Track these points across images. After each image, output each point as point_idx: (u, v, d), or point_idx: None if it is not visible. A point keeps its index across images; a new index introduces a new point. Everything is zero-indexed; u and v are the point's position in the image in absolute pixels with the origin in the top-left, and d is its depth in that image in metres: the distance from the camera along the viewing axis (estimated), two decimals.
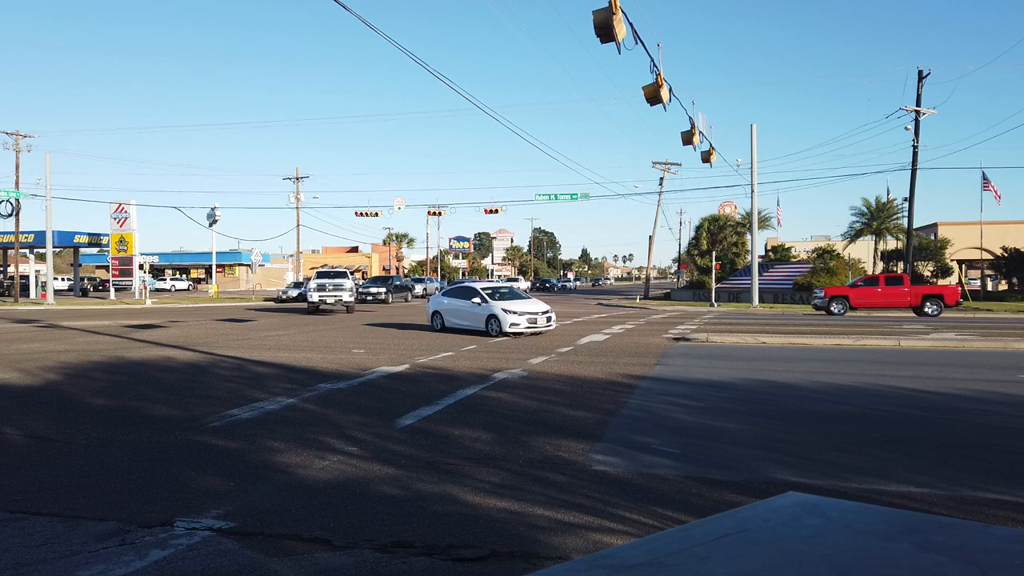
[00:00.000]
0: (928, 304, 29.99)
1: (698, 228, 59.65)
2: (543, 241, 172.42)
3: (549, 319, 21.23)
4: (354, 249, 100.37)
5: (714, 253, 48.41)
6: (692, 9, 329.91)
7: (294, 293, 46.51)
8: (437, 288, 50.13)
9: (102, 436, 8.02)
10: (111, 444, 7.67)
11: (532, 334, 20.90)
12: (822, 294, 32.44)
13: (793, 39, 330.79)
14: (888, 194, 57.98)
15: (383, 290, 46.72)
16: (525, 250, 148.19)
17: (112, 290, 54.49)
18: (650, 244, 61.44)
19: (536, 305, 21.36)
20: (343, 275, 34.65)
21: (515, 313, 20.51)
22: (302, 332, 22.89)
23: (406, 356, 15.72)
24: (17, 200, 46.11)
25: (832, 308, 31.29)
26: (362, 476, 6.37)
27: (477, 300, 21.56)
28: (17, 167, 46.33)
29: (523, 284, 72.13)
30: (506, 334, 20.51)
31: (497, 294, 22.00)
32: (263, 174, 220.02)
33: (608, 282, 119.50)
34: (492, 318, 20.81)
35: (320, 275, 34.55)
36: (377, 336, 21.26)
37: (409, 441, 7.71)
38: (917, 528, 1.67)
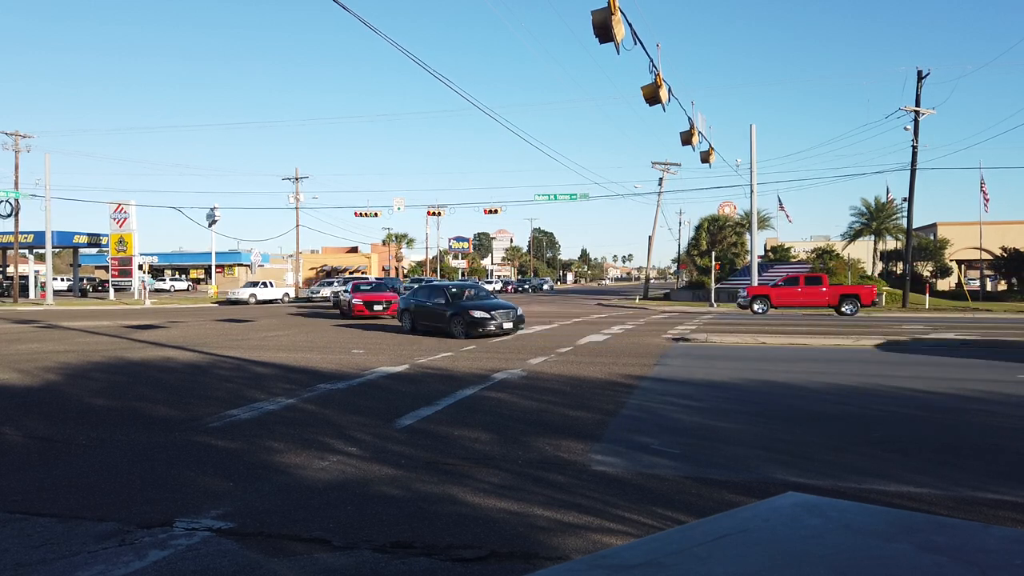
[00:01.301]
0: (845, 304, 31.18)
1: (697, 228, 59.61)
2: (543, 241, 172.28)
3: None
4: (354, 249, 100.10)
5: (713, 253, 48.43)
6: (692, 9, 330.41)
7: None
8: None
9: (102, 436, 8.02)
10: (111, 444, 7.67)
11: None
12: (745, 293, 33.68)
13: (793, 39, 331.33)
14: (888, 194, 57.83)
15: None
16: (525, 250, 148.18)
17: (111, 290, 54.48)
18: (649, 244, 61.42)
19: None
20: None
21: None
22: (301, 332, 22.89)
23: (405, 356, 15.72)
24: (16, 200, 46.11)
25: (754, 307, 32.45)
26: (362, 476, 6.36)
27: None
28: (16, 167, 46.32)
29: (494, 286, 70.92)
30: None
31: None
32: (263, 174, 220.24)
33: (546, 284, 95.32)
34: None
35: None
36: (376, 337, 21.27)
37: (409, 441, 7.71)
38: (917, 528, 1.67)
